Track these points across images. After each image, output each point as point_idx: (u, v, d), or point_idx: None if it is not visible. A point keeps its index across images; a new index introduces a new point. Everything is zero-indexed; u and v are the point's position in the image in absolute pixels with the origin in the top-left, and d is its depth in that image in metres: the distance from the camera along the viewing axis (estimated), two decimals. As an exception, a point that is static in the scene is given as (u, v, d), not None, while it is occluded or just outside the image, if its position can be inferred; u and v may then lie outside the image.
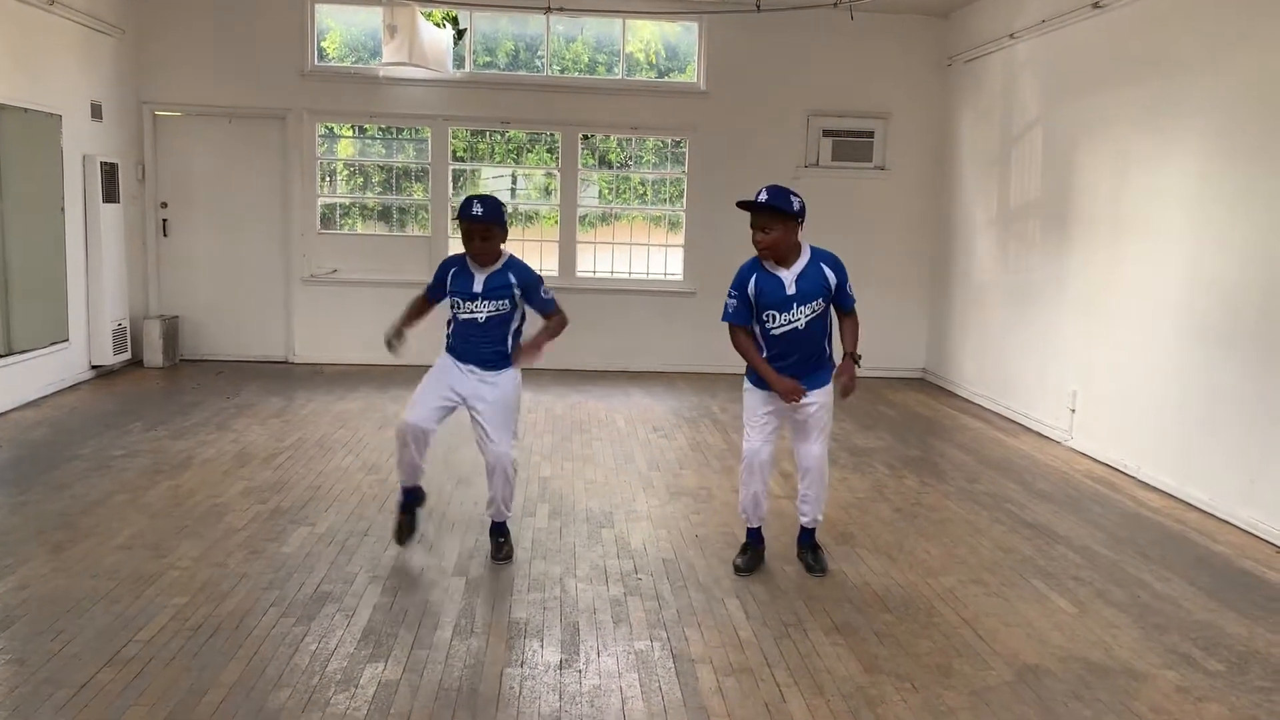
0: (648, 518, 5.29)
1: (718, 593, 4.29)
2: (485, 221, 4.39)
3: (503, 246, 4.52)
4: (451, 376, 4.52)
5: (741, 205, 4.30)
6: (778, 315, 4.34)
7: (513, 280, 4.50)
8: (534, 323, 4.59)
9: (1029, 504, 5.74)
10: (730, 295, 4.43)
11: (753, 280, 4.36)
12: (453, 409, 4.56)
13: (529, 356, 4.49)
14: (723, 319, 4.49)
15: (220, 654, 3.55)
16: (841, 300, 4.44)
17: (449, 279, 4.55)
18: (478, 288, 4.47)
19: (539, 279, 4.59)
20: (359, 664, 3.52)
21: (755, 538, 4.69)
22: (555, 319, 4.59)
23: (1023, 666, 3.68)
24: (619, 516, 5.29)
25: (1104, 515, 5.58)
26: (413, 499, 4.70)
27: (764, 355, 4.43)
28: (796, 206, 4.27)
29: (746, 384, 4.59)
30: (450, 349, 4.59)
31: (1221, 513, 5.51)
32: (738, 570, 4.57)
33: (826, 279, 4.35)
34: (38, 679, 3.32)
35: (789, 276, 4.32)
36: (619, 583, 4.38)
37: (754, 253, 4.36)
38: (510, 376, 4.55)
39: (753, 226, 4.30)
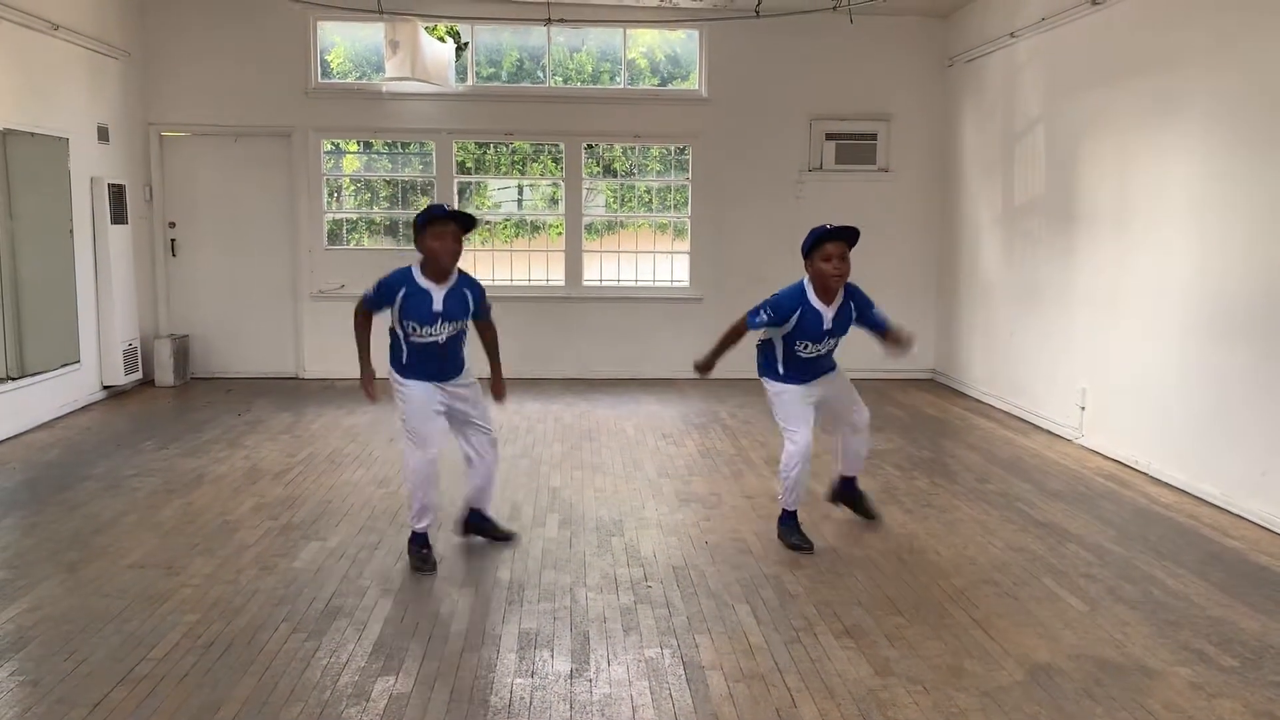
0: (657, 525, 5.29)
1: (728, 599, 4.29)
2: (461, 222, 4.35)
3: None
4: (433, 399, 4.55)
5: (831, 232, 4.60)
6: (811, 345, 4.71)
7: (470, 300, 4.49)
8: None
9: (1040, 503, 5.72)
10: (765, 312, 4.70)
11: (798, 313, 4.64)
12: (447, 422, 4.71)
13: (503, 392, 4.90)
14: (748, 325, 4.76)
15: (232, 670, 3.56)
16: (874, 323, 4.83)
17: (399, 301, 4.36)
18: (438, 307, 4.38)
19: (485, 290, 4.65)
20: (370, 678, 3.54)
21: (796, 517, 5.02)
22: (493, 333, 4.77)
23: (1034, 666, 3.67)
24: (629, 524, 5.29)
25: (1115, 512, 5.55)
26: (427, 538, 4.68)
27: (782, 367, 4.81)
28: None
29: (775, 386, 4.87)
30: (411, 374, 4.52)
31: (1234, 507, 5.48)
32: (800, 549, 4.86)
33: (852, 314, 4.76)
34: (52, 699, 3.35)
35: (829, 314, 4.69)
36: (629, 591, 4.38)
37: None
38: (474, 375, 4.72)
39: (827, 257, 4.58)
